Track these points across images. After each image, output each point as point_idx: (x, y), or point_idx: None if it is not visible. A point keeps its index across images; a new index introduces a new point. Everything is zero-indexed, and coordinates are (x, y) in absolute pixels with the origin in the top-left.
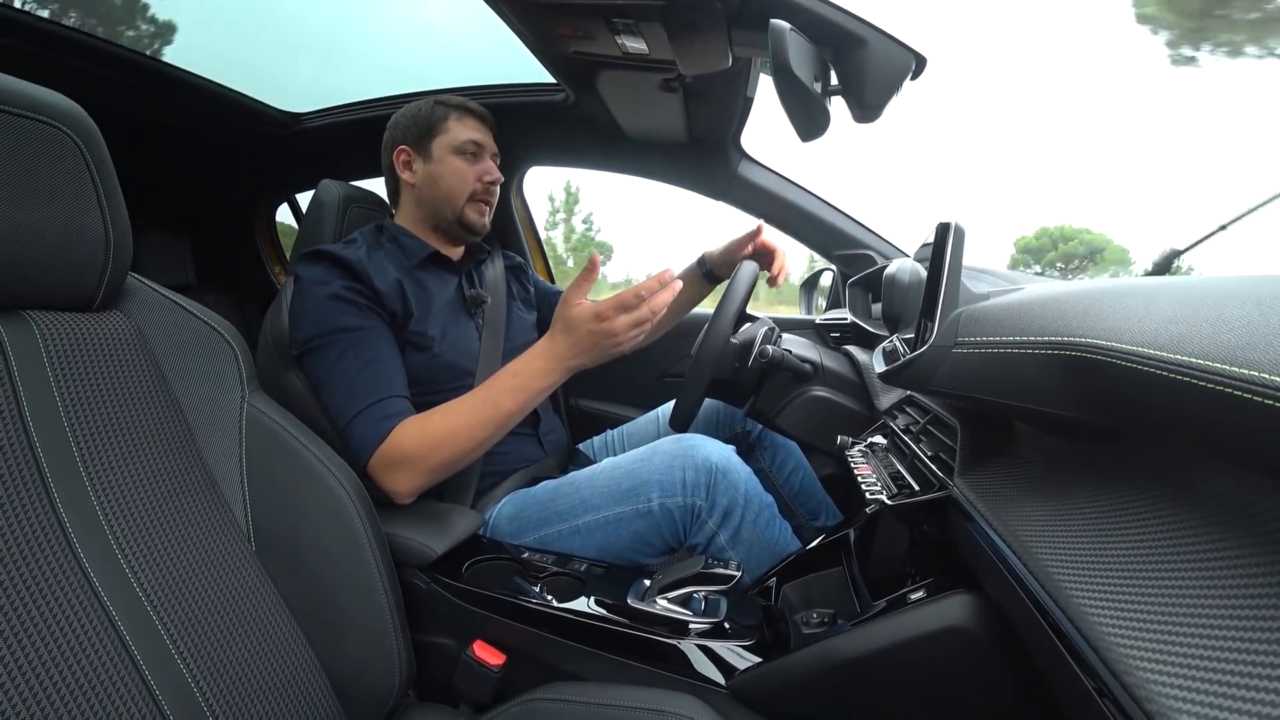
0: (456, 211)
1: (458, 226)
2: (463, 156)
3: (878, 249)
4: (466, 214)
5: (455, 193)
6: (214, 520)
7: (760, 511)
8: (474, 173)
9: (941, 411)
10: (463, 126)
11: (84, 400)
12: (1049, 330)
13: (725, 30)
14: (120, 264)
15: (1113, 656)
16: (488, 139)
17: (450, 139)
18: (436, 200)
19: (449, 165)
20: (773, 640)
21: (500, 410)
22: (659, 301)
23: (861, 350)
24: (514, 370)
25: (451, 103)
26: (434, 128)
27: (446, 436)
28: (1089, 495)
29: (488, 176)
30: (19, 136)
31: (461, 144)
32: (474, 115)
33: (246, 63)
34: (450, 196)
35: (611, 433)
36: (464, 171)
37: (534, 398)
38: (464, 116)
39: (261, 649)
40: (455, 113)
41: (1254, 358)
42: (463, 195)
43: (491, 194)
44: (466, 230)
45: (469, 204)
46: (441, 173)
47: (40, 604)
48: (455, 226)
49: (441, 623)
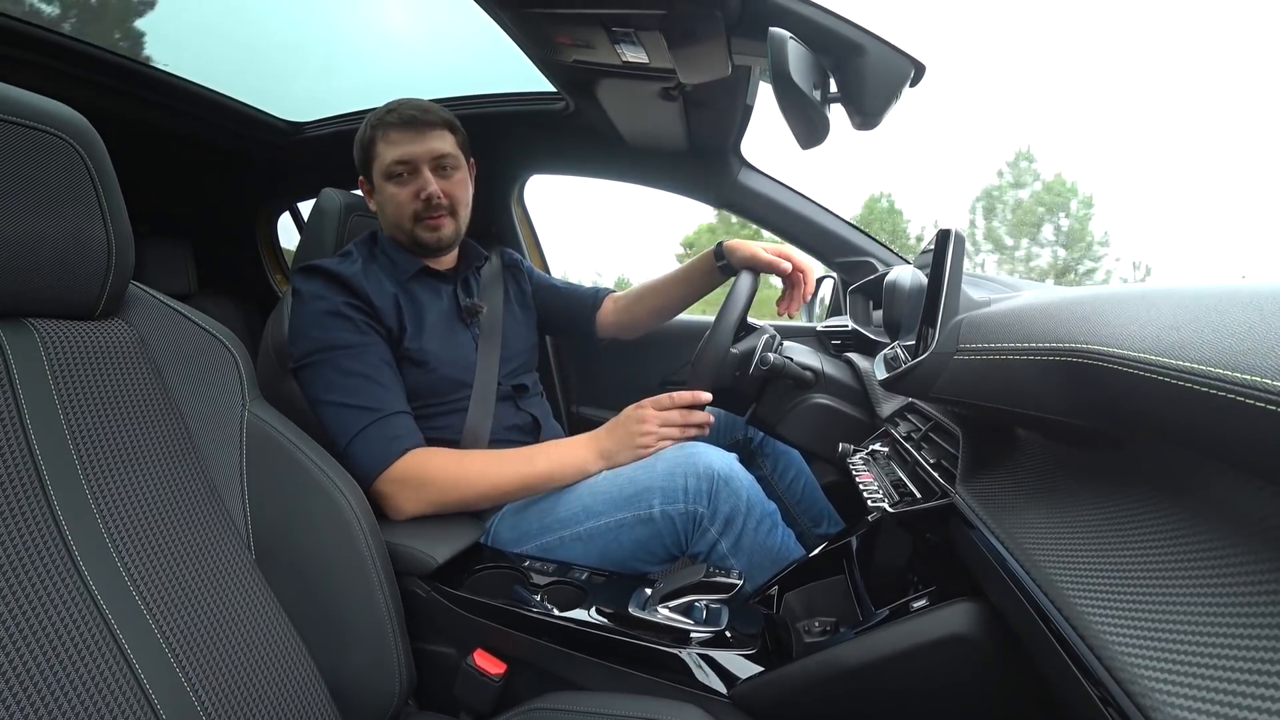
0: (407, 236)
1: (417, 248)
2: (394, 181)
3: (878, 256)
4: (418, 235)
5: (399, 219)
6: (214, 528)
7: (762, 519)
8: (406, 195)
9: (943, 419)
10: (389, 146)
11: (85, 408)
12: (1050, 336)
13: (725, 39)
14: (122, 272)
15: (1117, 664)
16: (422, 145)
17: (380, 164)
18: (389, 227)
19: (386, 194)
20: (774, 649)
21: (533, 469)
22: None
23: (863, 357)
24: (558, 443)
25: (374, 120)
26: (369, 153)
27: (476, 475)
28: (1091, 502)
29: (423, 193)
30: (22, 146)
31: (388, 167)
32: (397, 127)
33: (248, 72)
34: (396, 223)
35: None
36: (398, 196)
37: (566, 468)
38: (388, 133)
39: (261, 658)
40: (380, 131)
41: (1255, 363)
42: (405, 220)
43: (435, 209)
44: (425, 250)
45: (416, 226)
46: (383, 201)
47: (39, 612)
48: (416, 248)
49: (442, 631)
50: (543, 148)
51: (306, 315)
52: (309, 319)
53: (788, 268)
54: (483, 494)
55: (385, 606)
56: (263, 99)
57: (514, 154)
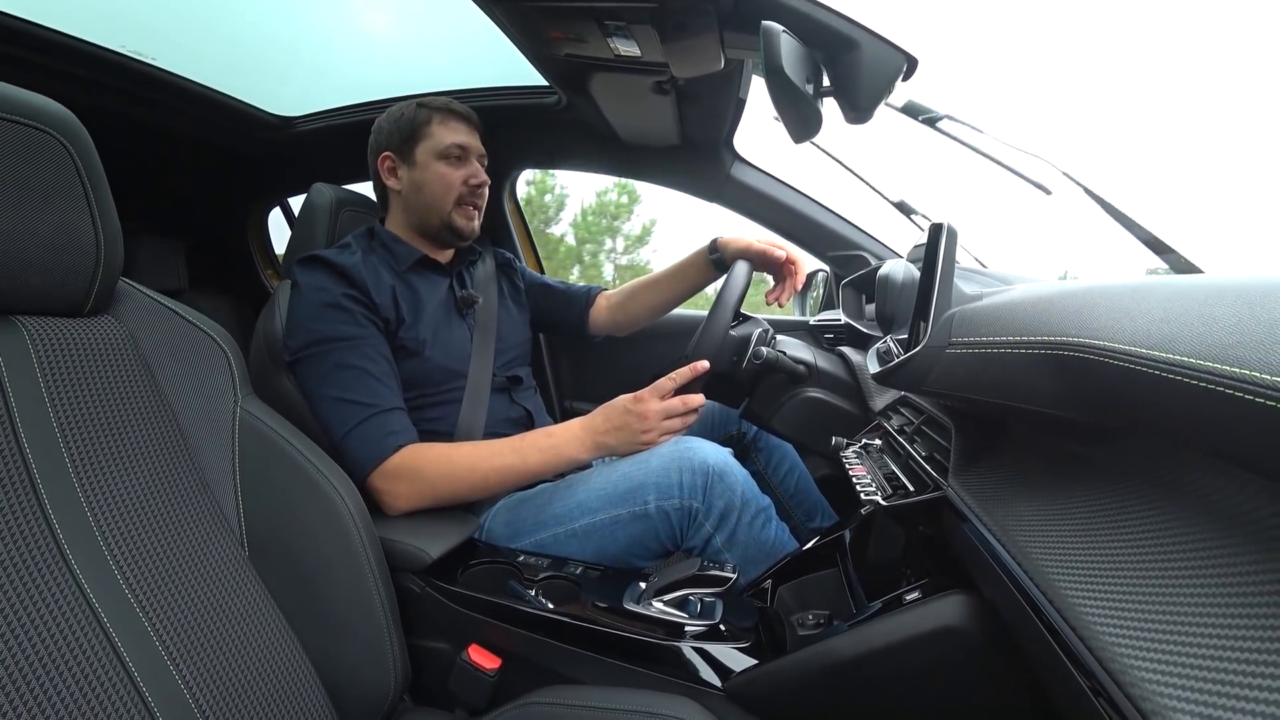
0: (443, 217)
1: (446, 232)
2: (447, 161)
3: (871, 250)
4: (454, 219)
5: (441, 198)
6: (207, 525)
7: (756, 513)
8: (459, 177)
9: (935, 412)
10: (446, 130)
11: (75, 406)
12: (1041, 330)
13: (717, 32)
14: (111, 269)
15: (1108, 655)
16: (473, 141)
17: (434, 144)
18: (423, 207)
19: (433, 171)
20: (769, 642)
21: (525, 462)
22: (693, 400)
23: (855, 351)
24: (549, 431)
25: (434, 105)
26: (417, 132)
27: (467, 470)
28: (1083, 494)
29: (474, 180)
30: (9, 142)
31: (446, 148)
32: (458, 117)
33: (237, 66)
34: (436, 202)
35: None
36: (449, 176)
37: (560, 461)
38: (447, 119)
39: (255, 654)
40: (439, 115)
41: (1244, 356)
42: (449, 201)
43: (479, 197)
44: (455, 235)
45: (456, 209)
46: (426, 179)
47: (31, 610)
48: (444, 232)
49: (436, 627)
50: (535, 142)
51: (305, 307)
52: (308, 311)
53: (781, 255)
54: (474, 487)
55: (380, 602)
56: (253, 93)
57: (506, 148)
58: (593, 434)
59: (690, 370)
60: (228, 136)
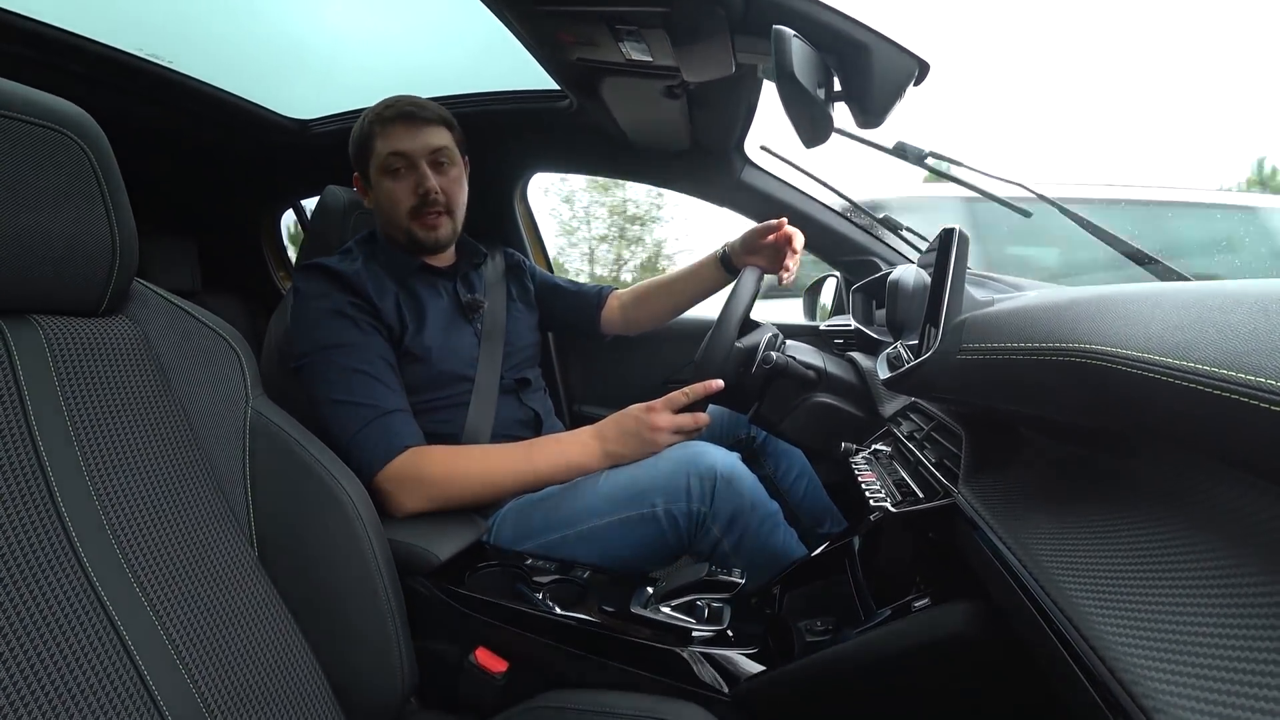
0: (404, 233)
1: (414, 246)
2: (389, 176)
3: (881, 255)
4: (413, 232)
5: (394, 215)
6: (217, 525)
7: (765, 519)
8: (404, 189)
9: (946, 418)
10: (385, 141)
11: (89, 405)
12: (1053, 336)
13: (728, 37)
14: (126, 270)
15: (1120, 666)
16: (419, 139)
17: (377, 159)
18: (386, 224)
19: (382, 189)
20: (776, 648)
21: (533, 467)
22: (703, 418)
23: (865, 357)
24: (558, 438)
25: (372, 115)
26: (366, 148)
27: (475, 475)
28: (1095, 502)
29: (421, 188)
30: (26, 143)
31: (384, 161)
32: (394, 121)
33: (253, 69)
34: (392, 220)
35: None
36: (394, 192)
37: (568, 468)
38: (385, 128)
39: (263, 654)
40: (378, 127)
41: (1260, 364)
42: (401, 216)
43: (434, 203)
44: (419, 248)
45: (412, 223)
46: (379, 197)
47: (42, 607)
48: (411, 245)
49: (444, 629)
50: (546, 145)
51: (308, 314)
52: (310, 318)
53: (779, 222)
54: (481, 491)
55: (387, 604)
56: (268, 97)
57: (517, 152)
58: (603, 443)
59: (704, 388)
60: (243, 139)
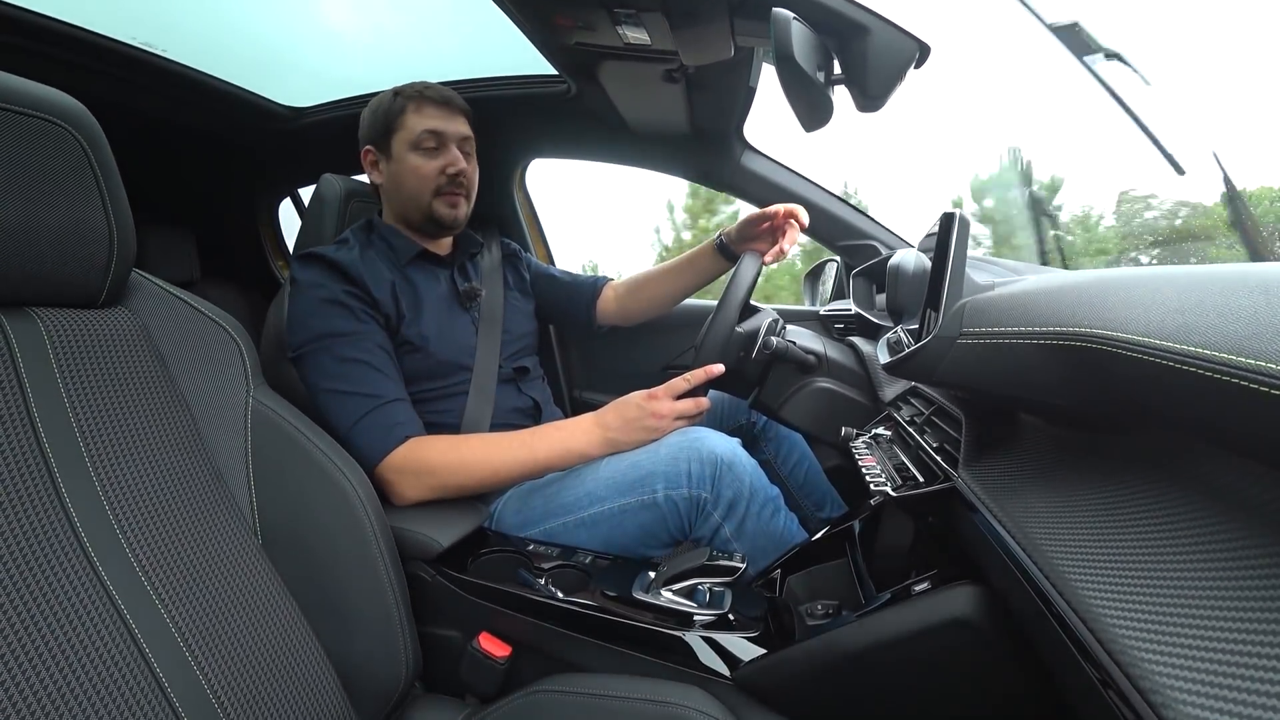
0: (424, 210)
1: (429, 224)
2: (421, 152)
3: (882, 239)
4: (435, 210)
5: (419, 191)
6: (220, 514)
7: (765, 503)
8: (434, 167)
9: (946, 403)
10: (420, 118)
11: (90, 397)
12: (1053, 321)
13: (727, 20)
14: (124, 261)
15: (1117, 648)
16: (452, 124)
17: (407, 134)
18: (403, 200)
19: (408, 163)
20: (777, 632)
21: (534, 455)
22: (704, 403)
23: (866, 341)
24: (559, 425)
25: (408, 93)
26: (392, 123)
27: (476, 463)
28: (1094, 486)
29: (451, 168)
30: (21, 134)
31: (418, 137)
32: (432, 102)
33: (246, 57)
34: (415, 195)
35: None
36: (423, 168)
37: (569, 454)
38: (421, 106)
39: (268, 642)
40: (412, 104)
41: (1260, 348)
42: (426, 192)
43: (460, 185)
44: (438, 226)
45: (435, 199)
46: (402, 171)
47: (49, 599)
48: (427, 224)
49: (447, 615)
50: (544, 131)
51: (305, 304)
52: (307, 307)
53: (778, 209)
54: (483, 480)
55: (391, 590)
56: (262, 85)
57: (515, 138)
58: (604, 430)
59: (705, 373)
60: (238, 128)
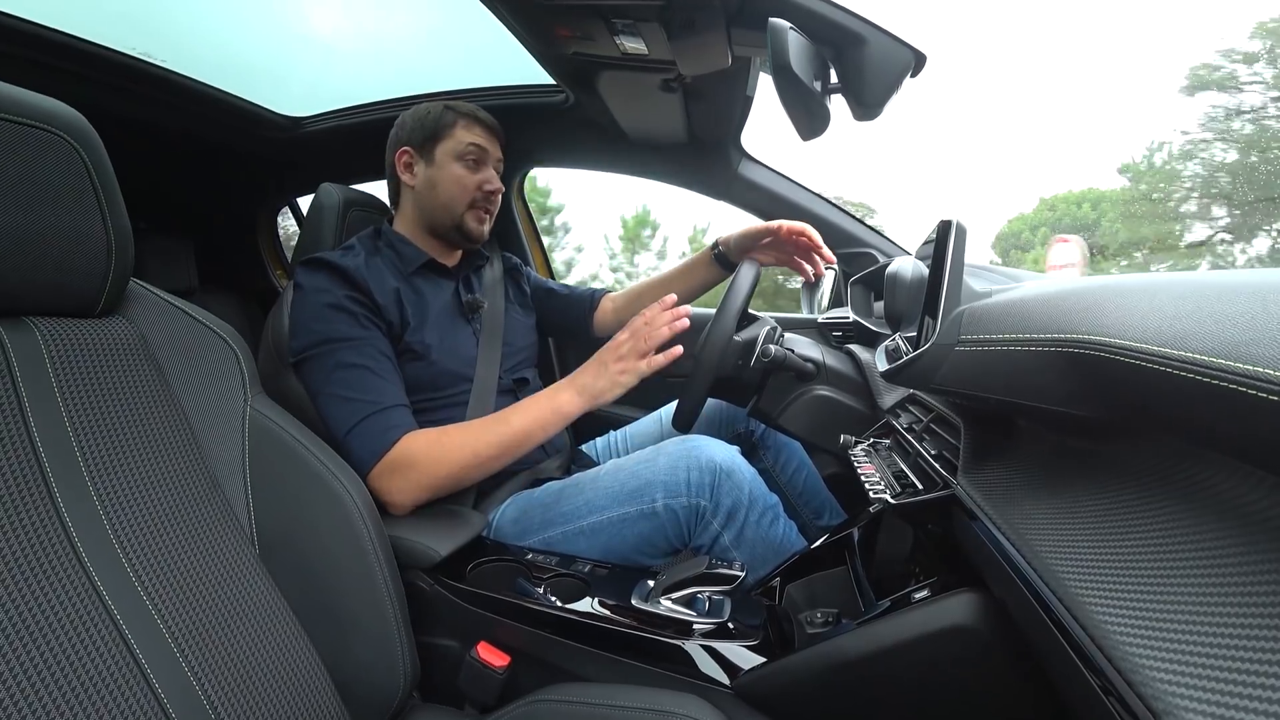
0: (455, 219)
1: (456, 234)
2: (464, 163)
3: (879, 247)
4: (466, 222)
5: (454, 200)
6: (218, 523)
7: (764, 511)
8: (475, 181)
9: (945, 410)
10: (469, 133)
11: (87, 405)
12: (1052, 327)
13: (724, 30)
14: (122, 270)
15: (1118, 655)
16: (493, 147)
17: (454, 145)
18: (435, 206)
19: (449, 171)
20: (777, 640)
21: (509, 426)
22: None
23: (864, 349)
24: (533, 396)
25: (462, 110)
26: (440, 132)
27: (456, 447)
28: (1093, 493)
29: (488, 185)
30: (20, 144)
31: (465, 149)
32: (483, 124)
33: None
34: (449, 203)
35: (614, 434)
36: (464, 179)
37: (545, 416)
38: (472, 125)
39: (266, 652)
40: (464, 120)
41: (1258, 353)
42: (462, 203)
43: (492, 203)
44: (465, 238)
45: (468, 212)
46: (441, 178)
47: (45, 608)
48: (453, 233)
49: (445, 624)
50: (542, 141)
51: (308, 308)
52: (310, 312)
53: (780, 225)
54: (466, 464)
55: (389, 600)
56: (261, 94)
57: (513, 147)
58: (572, 380)
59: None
60: (236, 137)
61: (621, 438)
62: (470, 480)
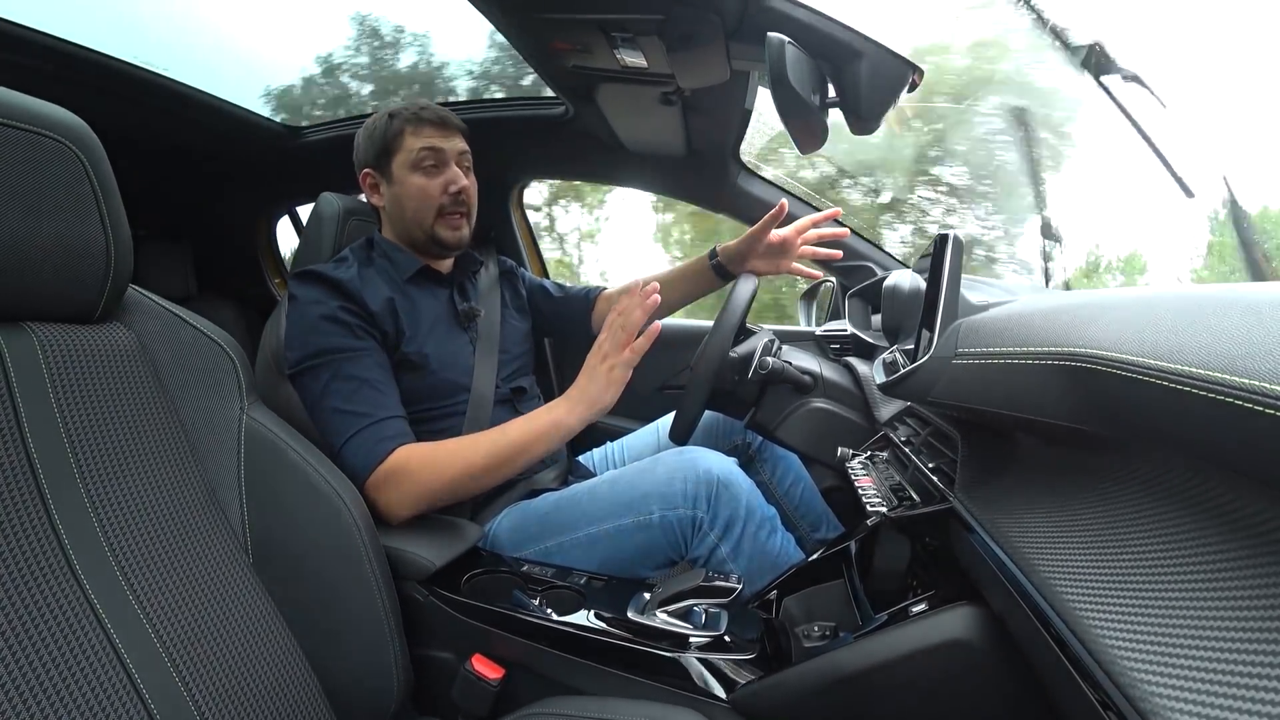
0: (427, 231)
1: (434, 246)
2: (421, 171)
3: (877, 260)
4: (438, 232)
5: (421, 212)
6: (212, 533)
7: (761, 524)
8: (437, 186)
9: (942, 423)
10: (418, 138)
11: (82, 412)
12: (1049, 341)
13: (723, 44)
14: (121, 276)
15: (1116, 669)
16: (450, 142)
17: (406, 155)
18: (406, 221)
19: (410, 184)
20: (774, 653)
21: (507, 439)
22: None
23: (861, 362)
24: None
25: (404, 114)
26: (390, 145)
27: (450, 456)
28: (1090, 506)
29: (453, 186)
30: (22, 150)
31: (418, 157)
32: (429, 123)
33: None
34: (417, 216)
35: (611, 445)
36: (426, 188)
37: (543, 429)
38: (419, 127)
39: (258, 662)
40: (410, 125)
41: (1253, 367)
42: (429, 213)
43: (461, 204)
44: (442, 248)
45: (438, 220)
46: (404, 193)
47: (35, 617)
48: (431, 246)
49: (440, 636)
50: (542, 152)
51: (303, 321)
52: (305, 324)
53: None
54: (460, 476)
55: (383, 610)
56: (261, 103)
57: (513, 159)
58: (566, 394)
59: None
60: (236, 145)
61: (619, 449)
62: (467, 493)
